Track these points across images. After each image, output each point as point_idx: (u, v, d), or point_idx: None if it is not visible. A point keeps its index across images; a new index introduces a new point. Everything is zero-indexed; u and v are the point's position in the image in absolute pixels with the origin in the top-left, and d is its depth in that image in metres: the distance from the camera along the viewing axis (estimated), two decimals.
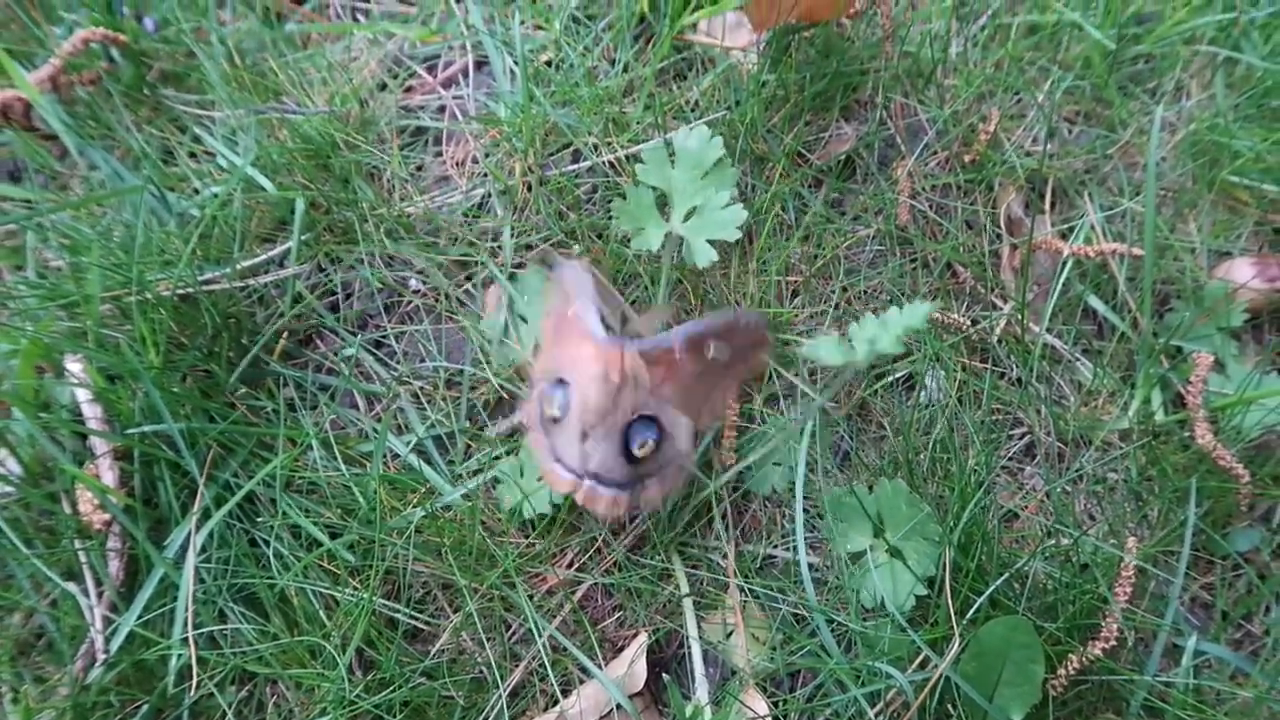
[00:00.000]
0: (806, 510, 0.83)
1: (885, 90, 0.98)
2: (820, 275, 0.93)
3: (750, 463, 0.83)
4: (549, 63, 1.02)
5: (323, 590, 0.80)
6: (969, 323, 0.90)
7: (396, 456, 0.86)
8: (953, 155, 0.98)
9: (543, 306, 0.81)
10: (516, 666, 0.79)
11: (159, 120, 1.05)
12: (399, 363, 0.92)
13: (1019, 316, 0.90)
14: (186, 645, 0.75)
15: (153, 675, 0.79)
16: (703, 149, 0.85)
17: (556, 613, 0.81)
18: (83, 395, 0.84)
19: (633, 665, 0.77)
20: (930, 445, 0.84)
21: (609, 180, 0.95)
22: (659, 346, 0.74)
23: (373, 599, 0.78)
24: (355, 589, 0.79)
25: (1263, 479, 0.84)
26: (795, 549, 0.80)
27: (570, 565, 0.83)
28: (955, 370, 0.88)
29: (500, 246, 0.94)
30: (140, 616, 0.78)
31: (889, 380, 0.88)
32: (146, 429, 0.81)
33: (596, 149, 0.96)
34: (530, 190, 0.95)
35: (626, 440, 0.74)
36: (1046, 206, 0.98)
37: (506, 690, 0.78)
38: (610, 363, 0.73)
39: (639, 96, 0.97)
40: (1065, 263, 0.92)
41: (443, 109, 1.04)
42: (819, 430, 0.85)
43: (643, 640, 0.78)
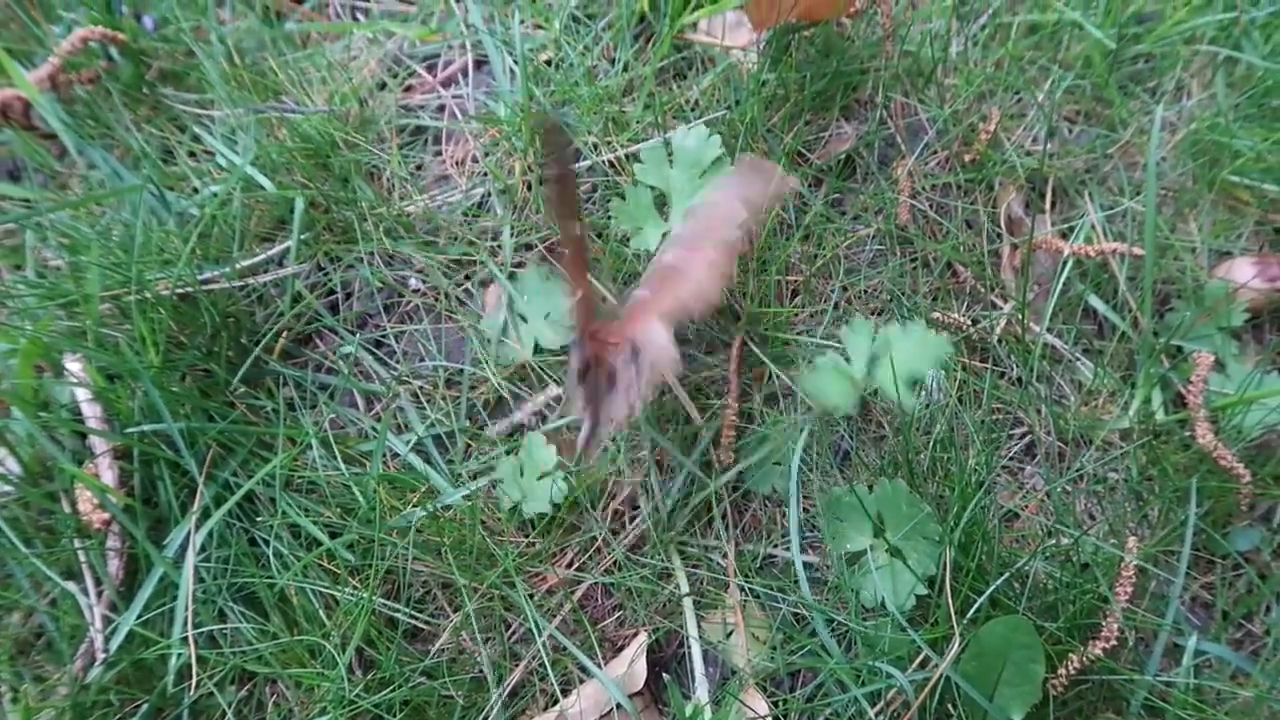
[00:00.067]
0: (807, 510, 0.83)
1: (885, 89, 0.98)
2: (820, 275, 0.93)
3: (750, 462, 0.83)
4: (549, 62, 1.02)
5: (322, 589, 0.80)
6: (969, 322, 0.90)
7: (396, 456, 0.86)
8: (953, 154, 0.98)
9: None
10: (516, 666, 0.79)
11: (158, 119, 1.05)
12: (399, 362, 0.92)
13: (1019, 316, 0.90)
14: (186, 644, 0.75)
15: (152, 674, 0.79)
16: (701, 148, 0.85)
17: (556, 612, 0.81)
18: (82, 394, 0.84)
19: (632, 665, 0.77)
20: (930, 445, 0.84)
21: (609, 180, 0.95)
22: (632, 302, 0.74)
23: (372, 598, 0.77)
24: (355, 588, 0.79)
25: (1263, 479, 0.84)
26: (793, 549, 0.80)
27: (570, 565, 0.83)
28: (955, 370, 0.88)
29: (500, 246, 0.94)
30: (140, 616, 0.78)
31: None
32: (146, 428, 0.81)
33: (596, 148, 0.96)
34: (530, 189, 0.95)
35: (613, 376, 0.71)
36: (1047, 206, 0.98)
37: (506, 690, 0.78)
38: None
39: (639, 96, 0.97)
40: (1065, 262, 0.92)
41: (442, 108, 1.04)
42: (817, 430, 0.85)
43: (642, 640, 0.78)
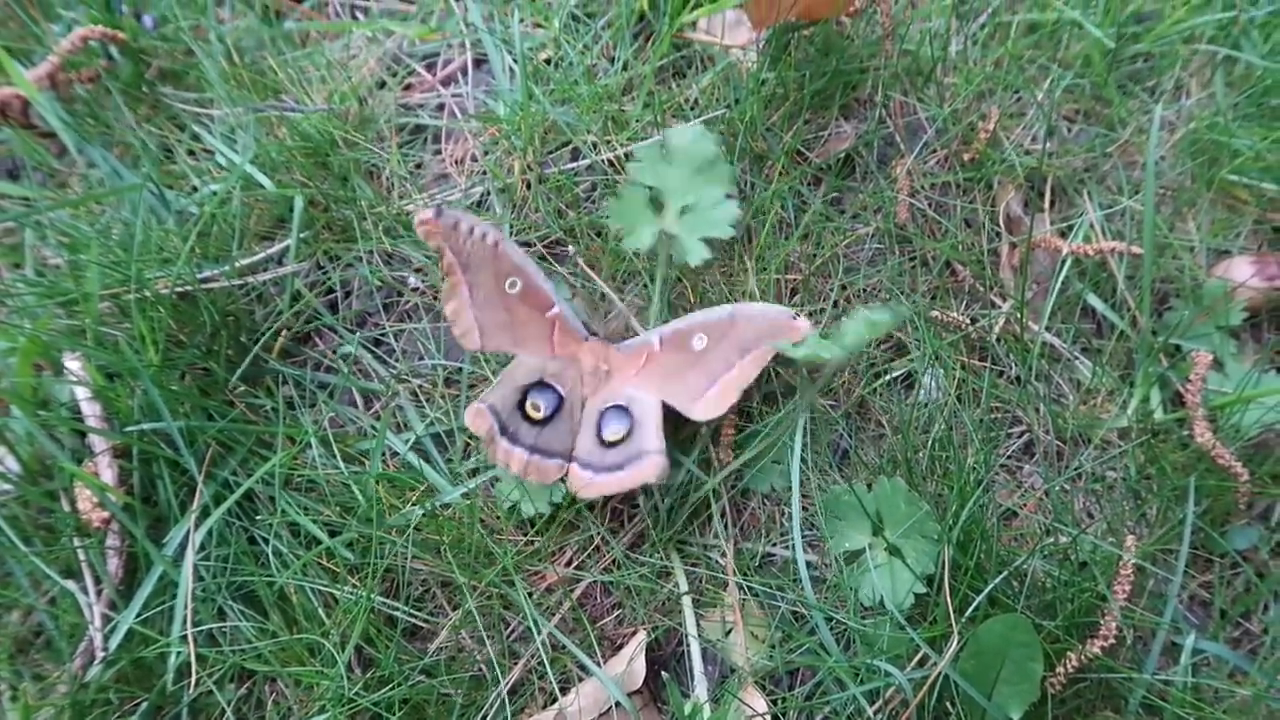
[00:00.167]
0: (806, 509, 0.83)
1: (885, 88, 0.98)
2: (819, 273, 0.93)
3: (749, 460, 0.83)
4: (548, 60, 1.02)
5: (322, 588, 0.80)
6: (968, 321, 0.90)
7: (395, 454, 0.86)
8: (952, 153, 0.98)
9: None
10: (515, 664, 0.79)
11: (158, 118, 1.05)
12: (398, 361, 0.92)
13: (1018, 315, 0.90)
14: (185, 643, 0.76)
15: (152, 673, 0.79)
16: (695, 146, 0.85)
17: (555, 611, 0.81)
18: (81, 393, 0.84)
19: (631, 663, 0.77)
20: (929, 444, 0.84)
21: (608, 178, 0.95)
22: (637, 346, 0.83)
23: (371, 597, 0.78)
24: (354, 587, 0.79)
25: (1261, 477, 0.84)
26: (793, 547, 0.80)
27: (569, 563, 0.83)
28: (954, 369, 0.88)
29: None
30: (139, 614, 0.78)
31: (888, 379, 0.88)
32: (145, 427, 0.81)
33: (595, 147, 0.96)
34: (529, 188, 0.95)
35: (601, 428, 0.81)
36: (1046, 205, 0.98)
37: (505, 688, 0.78)
38: (600, 359, 0.83)
39: (638, 94, 0.97)
40: (1064, 261, 0.92)
41: (442, 107, 1.04)
42: (812, 427, 0.86)
43: (641, 638, 0.78)
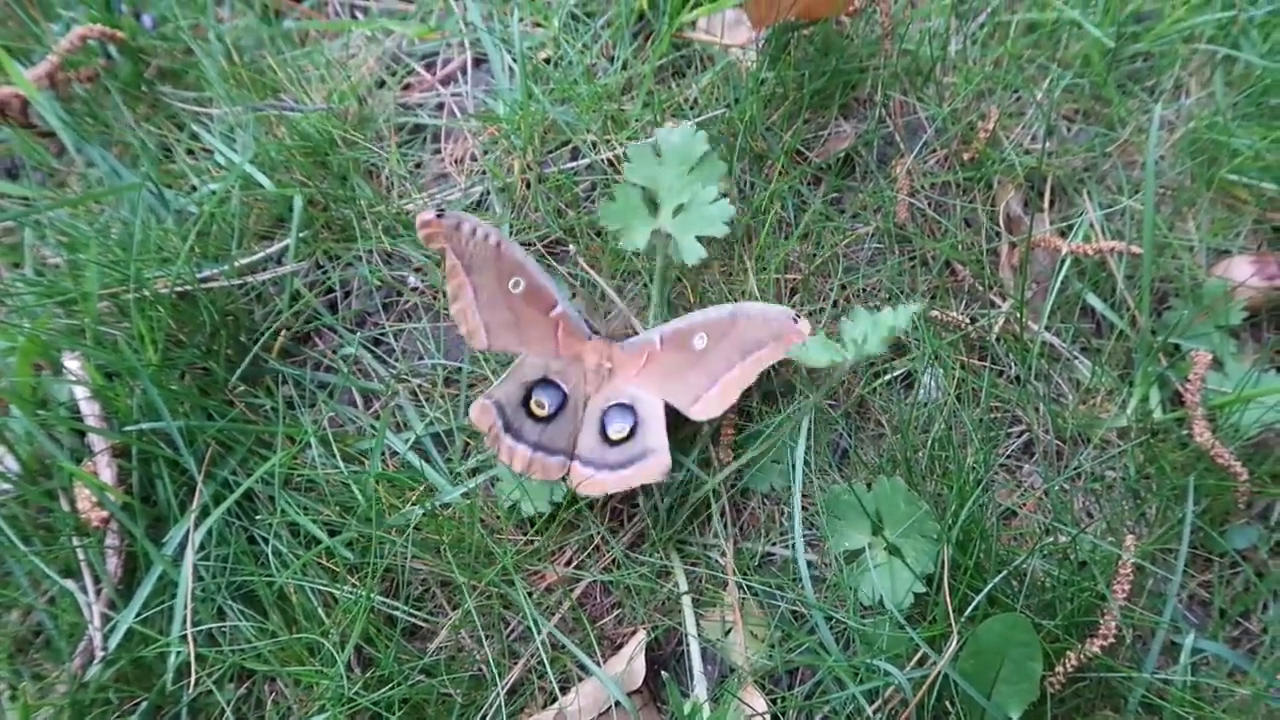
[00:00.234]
0: (805, 508, 0.83)
1: (884, 88, 0.98)
2: (819, 273, 0.93)
3: (749, 459, 0.83)
4: (548, 60, 1.02)
5: (321, 588, 0.80)
6: (967, 321, 0.90)
7: (395, 454, 0.86)
8: (952, 153, 0.98)
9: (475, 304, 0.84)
10: (515, 664, 0.79)
11: (157, 117, 1.05)
12: (397, 360, 0.92)
13: (1017, 314, 0.90)
14: (185, 642, 0.75)
15: (151, 672, 0.79)
16: (688, 144, 0.85)
17: (555, 610, 0.81)
18: (81, 393, 0.84)
19: (631, 663, 0.77)
20: (929, 443, 0.84)
21: (607, 178, 0.95)
22: (639, 345, 0.84)
23: (371, 596, 0.78)
24: (354, 586, 0.79)
25: (1261, 477, 0.84)
26: (794, 546, 0.80)
27: (569, 563, 0.83)
28: (954, 368, 0.88)
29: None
30: (139, 614, 0.78)
31: (887, 378, 0.88)
32: (145, 426, 0.81)
33: (595, 146, 0.96)
34: (529, 187, 0.95)
35: (604, 425, 0.82)
36: (1045, 204, 0.98)
37: (505, 687, 0.78)
38: (603, 357, 0.84)
39: (638, 94, 0.97)
40: (1064, 261, 0.92)
41: (441, 106, 1.03)
42: (814, 427, 0.86)
43: (641, 638, 0.78)
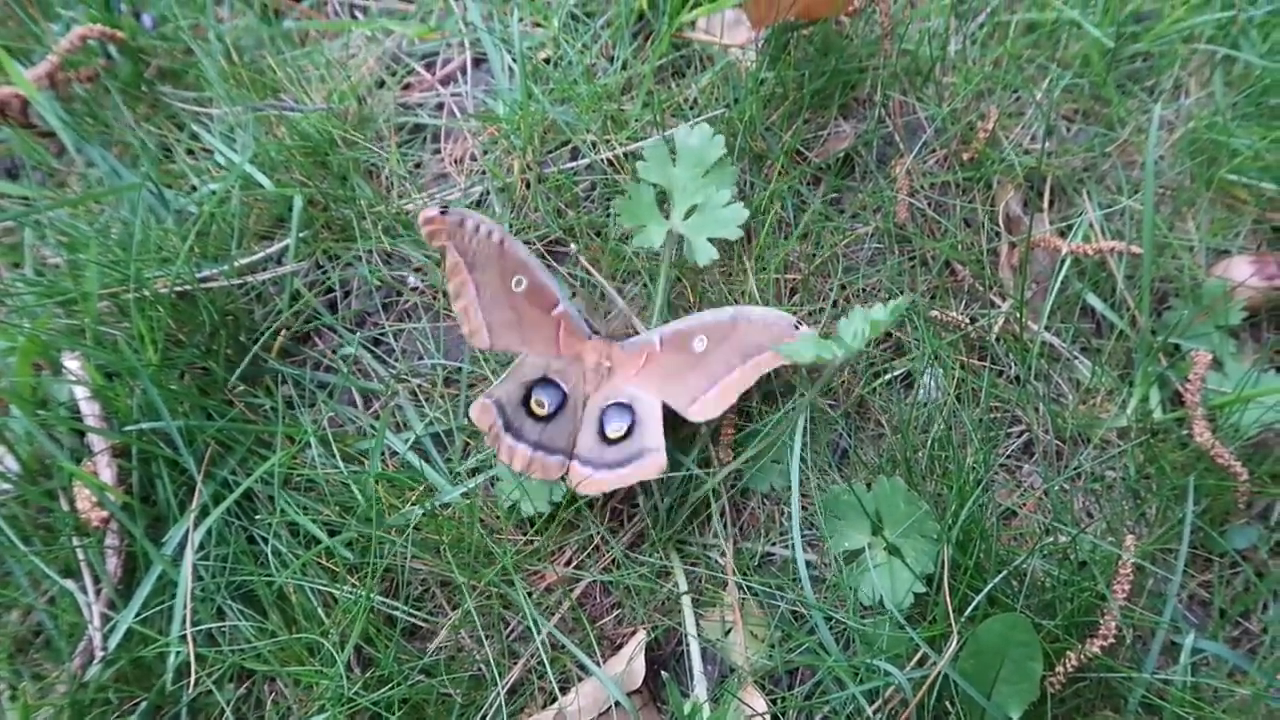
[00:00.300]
0: (805, 508, 0.83)
1: (884, 88, 0.98)
2: (819, 273, 0.93)
3: (748, 459, 0.83)
4: (547, 60, 1.02)
5: (321, 588, 0.80)
6: (967, 321, 0.90)
7: (395, 454, 0.86)
8: (951, 153, 0.98)
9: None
10: (515, 664, 0.79)
11: (157, 117, 1.05)
12: (397, 360, 0.92)
13: (1017, 314, 0.90)
14: (185, 642, 0.75)
15: (151, 672, 0.79)
16: (704, 147, 0.85)
17: (555, 610, 0.81)
18: (81, 392, 0.84)
19: (631, 663, 0.77)
20: (928, 443, 0.84)
21: (607, 178, 0.95)
22: (639, 345, 0.84)
23: (371, 596, 0.77)
24: (353, 586, 0.79)
25: (1260, 477, 0.84)
26: (793, 546, 0.80)
27: (569, 563, 0.83)
28: (953, 368, 0.88)
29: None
30: (138, 614, 0.78)
31: (887, 378, 0.88)
32: (144, 426, 0.81)
33: (595, 146, 0.96)
34: (529, 187, 0.95)
35: (603, 424, 0.82)
36: (1045, 204, 0.98)
37: (505, 687, 0.78)
38: (603, 356, 0.84)
39: (637, 94, 0.97)
40: (1064, 261, 0.92)
41: (441, 106, 1.03)
42: (814, 427, 0.86)
43: (641, 638, 0.78)
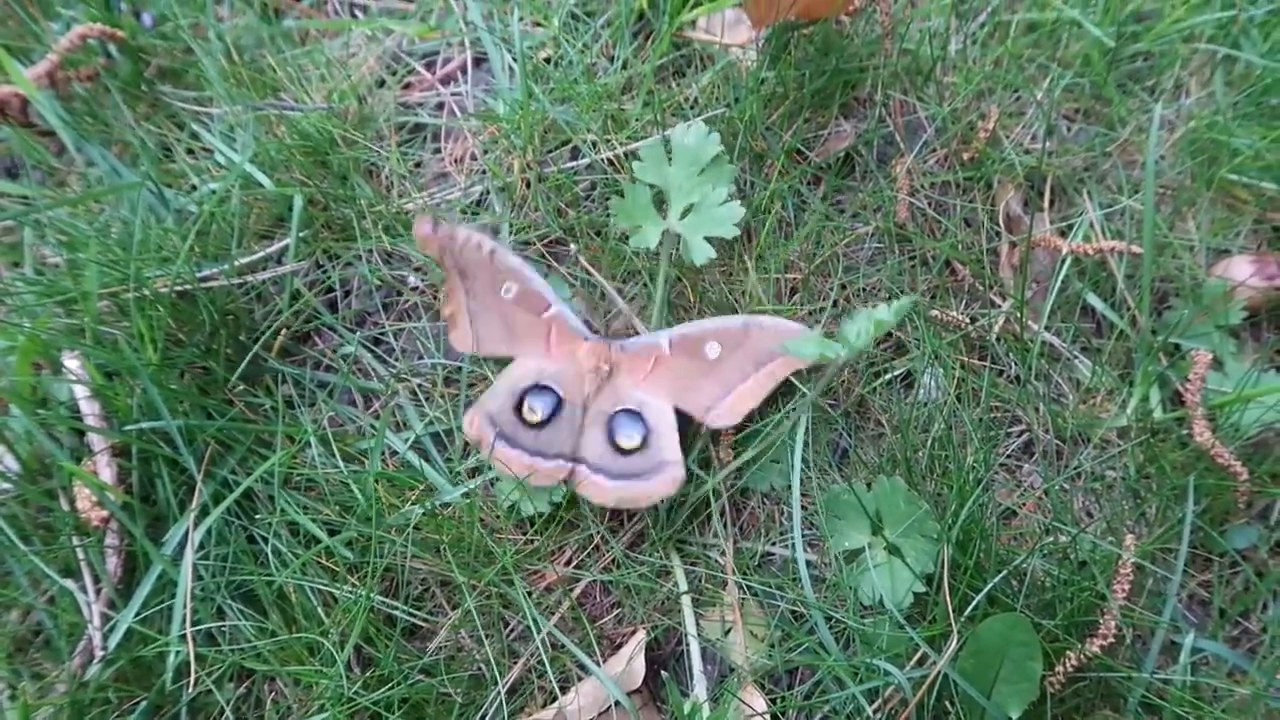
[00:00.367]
0: (805, 508, 0.83)
1: (884, 87, 0.98)
2: (819, 273, 0.93)
3: (748, 459, 0.83)
4: (548, 59, 1.02)
5: (321, 587, 0.80)
6: (967, 320, 0.90)
7: (395, 454, 0.86)
8: (952, 153, 0.98)
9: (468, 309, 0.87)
10: (515, 663, 0.79)
11: (157, 116, 1.05)
12: (397, 360, 0.92)
13: (1018, 314, 0.90)
14: (185, 642, 0.75)
15: (151, 672, 0.79)
16: (700, 145, 0.85)
17: (555, 610, 0.81)
18: (81, 392, 0.84)
19: (631, 662, 0.77)
20: (929, 443, 0.84)
21: (607, 177, 0.95)
22: (645, 345, 0.83)
23: (371, 596, 0.77)
24: (353, 586, 0.79)
25: (1260, 476, 0.84)
26: (793, 546, 0.80)
27: (568, 562, 0.83)
28: (954, 368, 0.88)
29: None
30: (138, 613, 0.78)
31: (887, 378, 0.88)
32: (144, 425, 0.81)
33: (595, 146, 0.96)
34: (529, 187, 0.95)
35: (612, 431, 0.81)
36: (1045, 204, 0.98)
37: (505, 687, 0.78)
38: (601, 358, 0.83)
39: (638, 93, 0.97)
40: (1064, 260, 0.92)
41: (441, 106, 1.03)
42: (814, 427, 0.86)
43: (641, 637, 0.78)
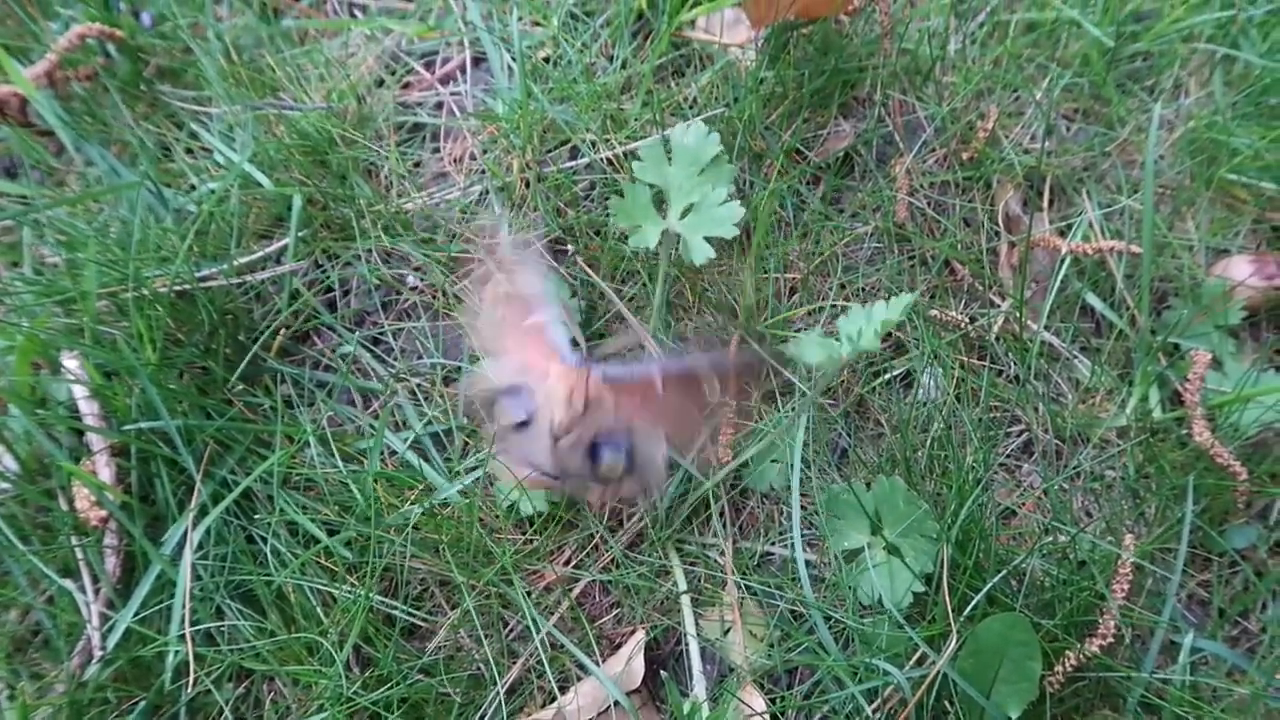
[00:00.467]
0: (804, 507, 0.83)
1: (884, 87, 0.97)
2: (818, 272, 0.93)
3: (748, 459, 0.83)
4: (547, 59, 1.02)
5: (320, 587, 0.79)
6: (967, 320, 0.90)
7: (394, 453, 0.86)
8: (951, 152, 0.98)
9: (488, 303, 0.75)
10: (514, 663, 0.79)
11: (156, 116, 1.05)
12: (396, 359, 0.92)
13: (1017, 314, 0.90)
14: (184, 642, 0.75)
15: (150, 672, 0.79)
16: (700, 145, 0.85)
17: (554, 610, 0.81)
18: (79, 392, 0.84)
19: (630, 662, 0.77)
20: (928, 443, 0.84)
21: (607, 177, 0.95)
22: (636, 377, 0.72)
23: (370, 596, 0.77)
24: (352, 586, 0.79)
25: (1260, 476, 0.84)
26: (792, 546, 0.80)
27: (568, 562, 0.83)
28: (953, 368, 0.88)
29: (498, 243, 0.94)
30: (137, 613, 0.78)
31: (887, 378, 0.88)
32: (143, 425, 0.81)
33: (594, 146, 0.96)
34: (528, 187, 0.95)
35: (595, 457, 0.71)
36: (1045, 204, 0.98)
37: (504, 687, 0.78)
38: (576, 388, 0.69)
39: (637, 93, 0.97)
40: (1063, 260, 0.92)
41: (440, 105, 1.03)
42: (813, 426, 0.85)
43: (640, 637, 0.78)
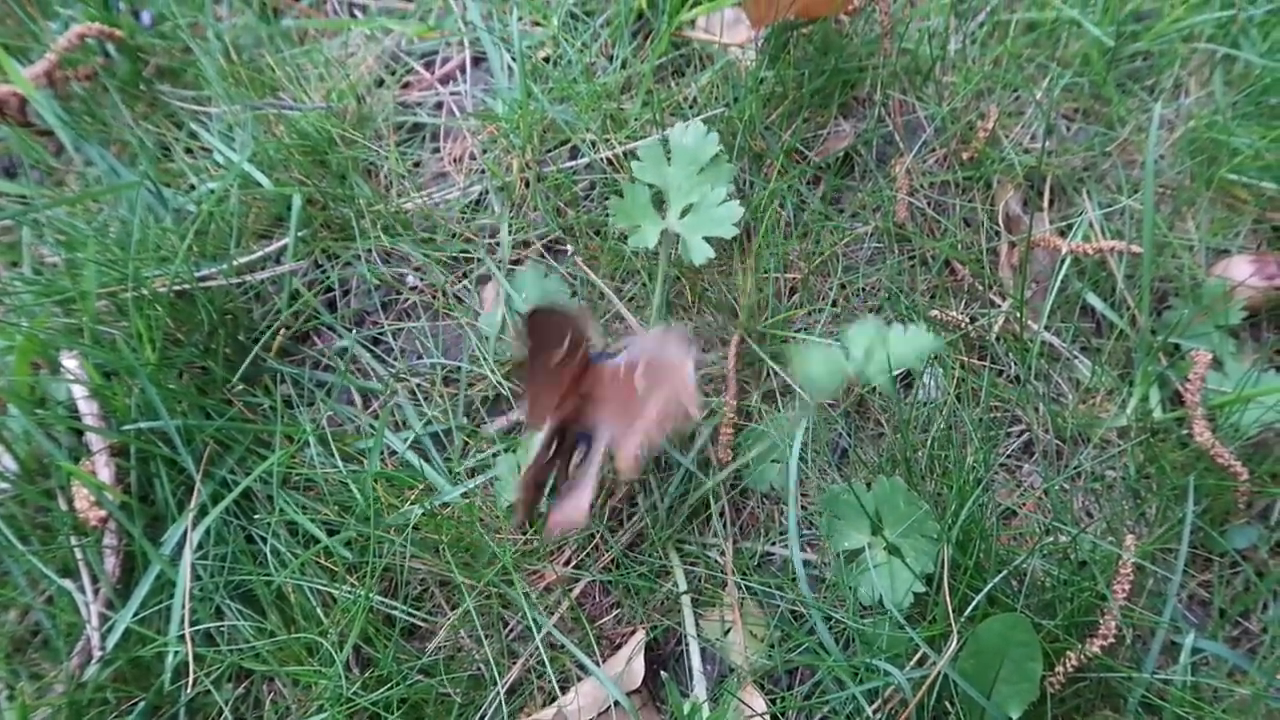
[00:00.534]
0: (805, 508, 0.83)
1: (884, 87, 0.97)
2: (818, 272, 0.93)
3: (748, 459, 0.83)
4: (547, 59, 1.02)
5: (320, 587, 0.79)
6: (967, 320, 0.90)
7: (394, 453, 0.86)
8: (951, 152, 0.98)
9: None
10: (514, 664, 0.79)
11: (155, 116, 1.05)
12: (396, 359, 0.92)
13: (1017, 314, 0.90)
14: (183, 642, 0.75)
15: (149, 672, 0.78)
16: (699, 145, 0.85)
17: (554, 610, 0.81)
18: (79, 392, 0.84)
19: (630, 662, 0.77)
20: (928, 443, 0.84)
21: (607, 177, 0.95)
22: (611, 365, 0.76)
23: (370, 596, 0.77)
24: (352, 586, 0.79)
25: (1260, 476, 0.84)
26: (791, 546, 0.80)
27: (568, 562, 0.83)
28: (953, 368, 0.88)
29: (498, 243, 0.94)
30: (137, 613, 0.78)
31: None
32: (143, 425, 0.81)
33: (594, 146, 0.96)
34: (528, 186, 0.95)
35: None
36: (1045, 204, 0.98)
37: (504, 687, 0.78)
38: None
39: (637, 93, 0.97)
40: (1063, 260, 0.92)
41: (440, 105, 1.03)
42: (814, 427, 0.85)
43: (640, 637, 0.78)
